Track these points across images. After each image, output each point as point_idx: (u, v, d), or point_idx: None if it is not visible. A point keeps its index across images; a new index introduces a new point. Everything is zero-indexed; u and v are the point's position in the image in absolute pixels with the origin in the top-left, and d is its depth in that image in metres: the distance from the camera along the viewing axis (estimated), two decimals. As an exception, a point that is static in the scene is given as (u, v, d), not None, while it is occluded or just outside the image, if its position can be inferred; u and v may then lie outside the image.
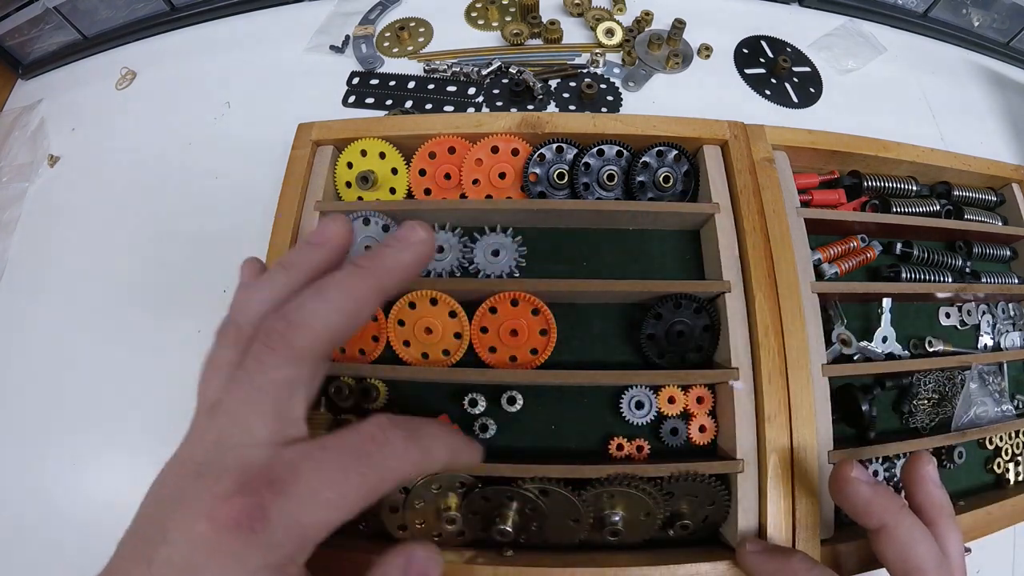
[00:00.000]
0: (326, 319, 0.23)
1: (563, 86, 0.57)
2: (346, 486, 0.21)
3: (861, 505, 0.30)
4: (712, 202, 0.41)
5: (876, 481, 0.30)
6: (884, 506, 0.29)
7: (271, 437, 0.21)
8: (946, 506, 0.31)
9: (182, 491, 0.20)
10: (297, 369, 0.22)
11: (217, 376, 0.23)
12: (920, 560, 0.28)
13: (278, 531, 0.19)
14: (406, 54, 0.59)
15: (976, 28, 0.66)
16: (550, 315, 0.38)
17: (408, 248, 0.25)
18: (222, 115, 0.57)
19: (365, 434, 0.22)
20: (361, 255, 0.24)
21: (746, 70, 0.60)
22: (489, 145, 0.43)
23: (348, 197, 0.44)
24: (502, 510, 0.35)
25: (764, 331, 0.37)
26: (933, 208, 0.47)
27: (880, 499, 0.30)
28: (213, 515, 0.19)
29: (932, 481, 0.31)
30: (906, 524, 0.29)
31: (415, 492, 0.36)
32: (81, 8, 0.60)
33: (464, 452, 0.26)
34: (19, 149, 0.58)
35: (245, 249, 0.48)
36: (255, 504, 0.19)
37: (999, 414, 0.43)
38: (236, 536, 0.19)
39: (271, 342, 0.22)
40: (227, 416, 0.22)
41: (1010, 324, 0.47)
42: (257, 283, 0.25)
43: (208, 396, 0.23)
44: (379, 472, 0.22)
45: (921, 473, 0.31)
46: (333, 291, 0.23)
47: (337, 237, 0.26)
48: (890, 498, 0.30)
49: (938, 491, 0.31)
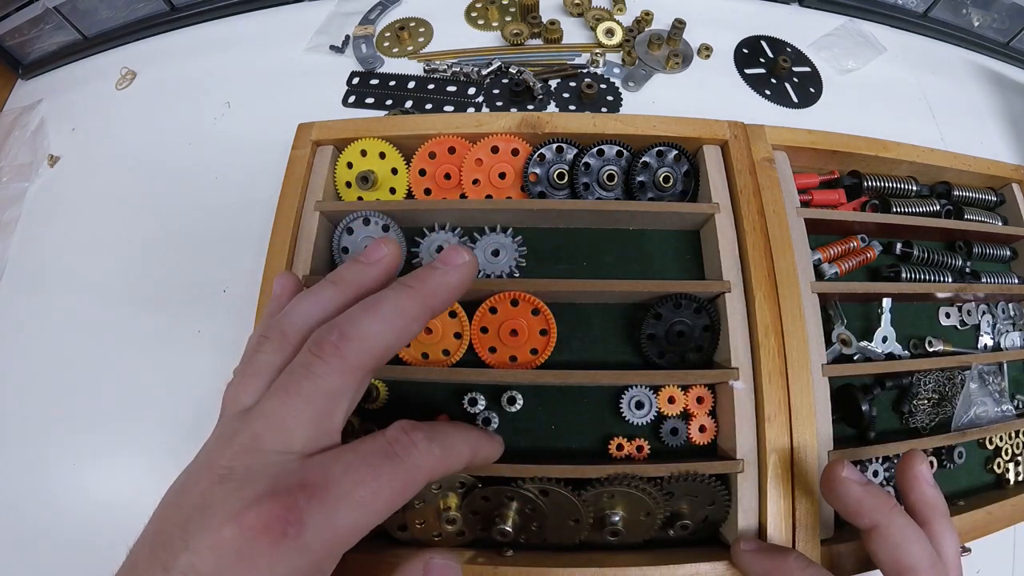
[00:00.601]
0: (379, 335, 0.23)
1: (563, 86, 0.57)
2: (378, 485, 0.21)
3: (852, 505, 0.30)
4: (712, 202, 0.41)
5: (868, 480, 0.30)
6: (875, 505, 0.29)
7: (306, 446, 0.22)
8: (940, 506, 0.31)
9: (205, 496, 0.20)
10: (345, 381, 0.22)
11: (255, 380, 0.23)
12: (913, 560, 0.28)
13: (311, 535, 0.19)
14: (406, 54, 0.59)
15: (976, 28, 0.66)
16: (550, 315, 0.38)
17: (455, 270, 0.26)
18: (222, 115, 0.57)
19: (390, 437, 0.23)
20: (410, 276, 0.25)
21: (746, 70, 0.60)
22: (489, 145, 0.43)
23: (348, 197, 0.44)
24: (502, 510, 0.35)
25: (764, 331, 0.37)
26: (933, 208, 0.47)
27: (871, 498, 0.29)
28: (241, 520, 0.19)
29: (926, 481, 0.31)
30: (898, 524, 0.29)
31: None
32: (81, 8, 0.60)
33: (485, 446, 0.27)
34: (19, 149, 0.58)
35: (245, 249, 0.48)
36: (290, 506, 0.19)
37: (999, 414, 0.43)
38: (267, 542, 0.19)
39: (323, 352, 0.22)
40: (265, 420, 0.22)
41: (1010, 324, 0.47)
42: (306, 295, 0.26)
43: (241, 399, 0.23)
44: (408, 471, 0.22)
45: (915, 472, 0.31)
46: (386, 308, 0.24)
47: (389, 258, 0.27)
48: (882, 497, 0.29)
49: (932, 491, 0.31)
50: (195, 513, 0.20)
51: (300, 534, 0.19)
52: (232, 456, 0.21)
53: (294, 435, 0.21)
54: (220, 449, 0.22)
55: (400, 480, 0.22)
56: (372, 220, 0.41)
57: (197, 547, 0.19)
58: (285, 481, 0.20)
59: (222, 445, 0.22)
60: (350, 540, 0.21)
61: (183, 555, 0.18)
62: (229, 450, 0.21)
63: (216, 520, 0.19)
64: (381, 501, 0.21)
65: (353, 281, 0.26)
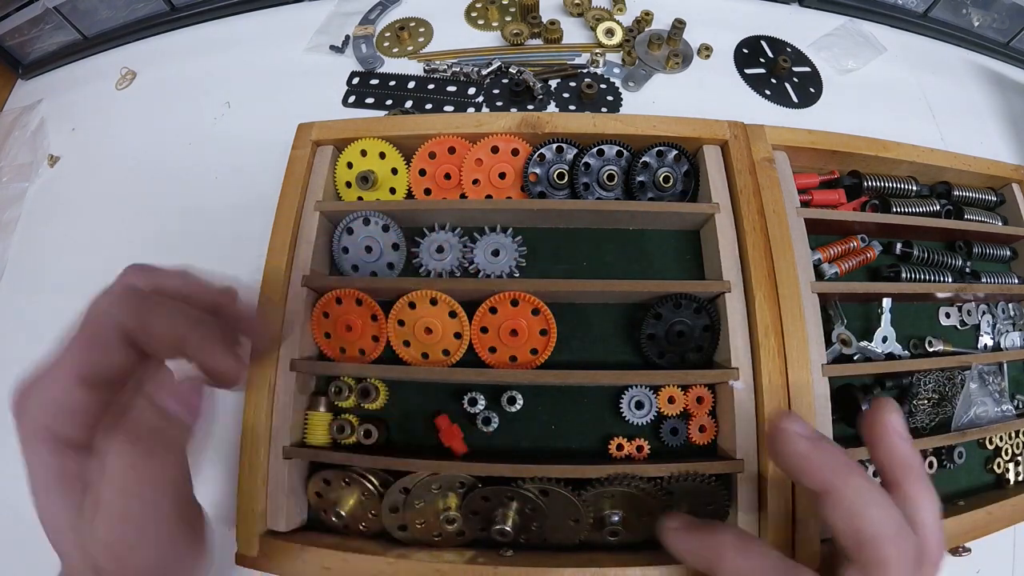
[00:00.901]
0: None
1: (563, 86, 0.57)
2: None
3: (798, 463, 0.25)
4: (712, 202, 0.41)
5: (819, 436, 0.26)
6: (826, 464, 0.25)
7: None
8: (914, 464, 0.26)
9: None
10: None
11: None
12: (873, 527, 0.23)
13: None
14: (406, 54, 0.59)
15: (976, 28, 0.66)
16: (550, 315, 0.38)
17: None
18: (222, 115, 0.57)
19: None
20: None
21: (746, 70, 0.60)
22: (489, 145, 0.43)
23: (348, 197, 0.44)
24: (502, 510, 0.35)
25: (764, 331, 0.37)
26: (933, 208, 0.47)
27: (821, 455, 0.25)
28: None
29: (896, 433, 0.26)
30: (854, 485, 0.24)
31: (415, 492, 0.36)
32: (81, 8, 0.60)
33: (203, 345, 0.24)
34: (19, 149, 0.58)
35: (245, 249, 0.48)
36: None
37: (999, 414, 0.43)
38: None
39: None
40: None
41: (1010, 324, 0.47)
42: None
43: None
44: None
45: (883, 423, 0.26)
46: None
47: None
48: (834, 454, 0.25)
49: (903, 444, 0.26)
50: None
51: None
52: None
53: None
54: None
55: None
56: (372, 220, 0.41)
57: None
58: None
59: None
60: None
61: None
62: None
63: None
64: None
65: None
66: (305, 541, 0.36)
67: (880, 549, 0.23)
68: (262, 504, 0.36)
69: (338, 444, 0.39)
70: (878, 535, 0.23)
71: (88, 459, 0.22)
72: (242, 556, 0.35)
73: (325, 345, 0.40)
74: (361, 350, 0.40)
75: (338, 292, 0.39)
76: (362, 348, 0.40)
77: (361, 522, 0.38)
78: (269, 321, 0.31)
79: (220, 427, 0.43)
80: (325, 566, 0.34)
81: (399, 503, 0.36)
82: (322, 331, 0.40)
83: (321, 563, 0.35)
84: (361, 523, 0.38)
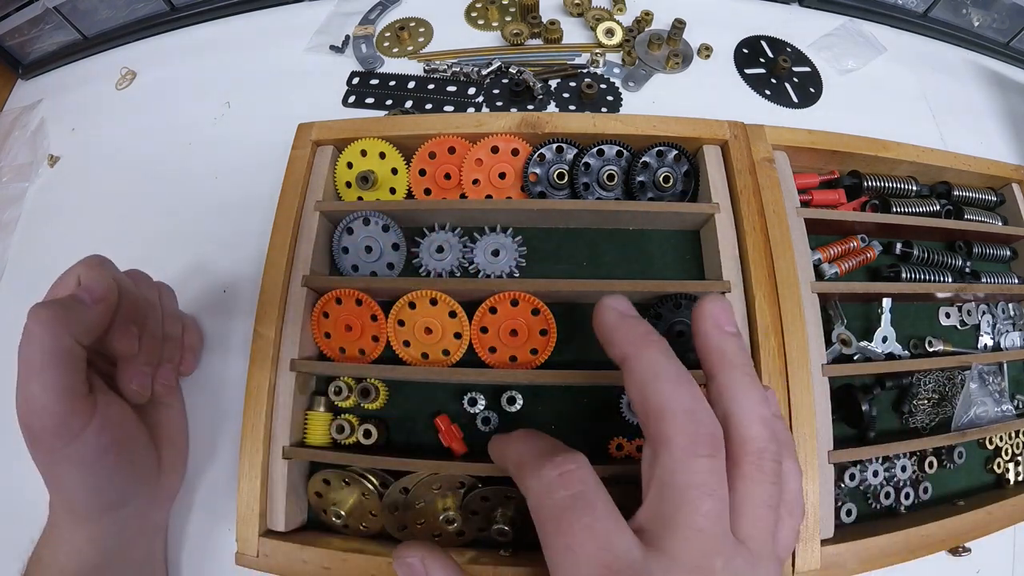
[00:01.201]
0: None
1: (563, 86, 0.57)
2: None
3: (606, 334, 0.25)
4: (712, 202, 0.41)
5: (636, 315, 0.26)
6: (628, 335, 0.24)
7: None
8: (729, 353, 0.24)
9: None
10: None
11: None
12: (659, 401, 0.22)
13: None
14: (406, 54, 0.59)
15: (976, 28, 0.66)
16: (550, 315, 0.38)
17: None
18: (222, 115, 0.56)
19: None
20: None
21: (746, 70, 0.60)
22: (489, 145, 0.43)
23: (348, 197, 0.44)
24: (502, 510, 0.35)
25: (764, 331, 0.37)
26: (933, 208, 0.47)
27: (625, 326, 0.25)
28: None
29: (711, 320, 0.25)
30: (648, 356, 0.23)
31: (415, 492, 0.36)
32: (81, 8, 0.60)
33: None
34: (19, 149, 0.58)
35: (245, 249, 0.48)
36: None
37: (999, 414, 0.43)
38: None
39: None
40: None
41: (1010, 324, 0.47)
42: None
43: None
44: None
45: (700, 311, 0.25)
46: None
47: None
48: (637, 327, 0.25)
49: (716, 333, 0.24)
50: None
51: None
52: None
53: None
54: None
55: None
56: (372, 220, 0.41)
57: None
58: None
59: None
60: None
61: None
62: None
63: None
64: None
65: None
66: (305, 541, 0.36)
67: (662, 424, 0.22)
68: (262, 504, 0.36)
69: (338, 444, 0.39)
70: (663, 410, 0.22)
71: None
72: (242, 556, 0.35)
73: (325, 345, 0.40)
74: (361, 350, 0.40)
75: (338, 292, 0.39)
76: (362, 348, 0.40)
77: (361, 522, 0.38)
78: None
79: (220, 427, 0.43)
80: (325, 566, 0.35)
81: (399, 503, 0.36)
82: (322, 331, 0.40)
83: (321, 563, 0.35)
84: (361, 523, 0.38)
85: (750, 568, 0.21)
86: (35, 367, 0.29)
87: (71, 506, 0.34)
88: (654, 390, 0.23)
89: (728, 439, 0.23)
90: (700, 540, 0.21)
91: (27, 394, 0.29)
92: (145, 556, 0.38)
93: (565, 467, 0.23)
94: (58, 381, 0.29)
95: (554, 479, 0.22)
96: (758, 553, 0.22)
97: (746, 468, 0.22)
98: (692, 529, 0.21)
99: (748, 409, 0.23)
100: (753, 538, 0.22)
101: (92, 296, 0.32)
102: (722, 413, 0.23)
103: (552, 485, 0.22)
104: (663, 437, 0.22)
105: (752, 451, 0.23)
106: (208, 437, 0.43)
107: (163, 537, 0.40)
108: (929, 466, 0.42)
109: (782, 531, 0.24)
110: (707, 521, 0.21)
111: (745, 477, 0.22)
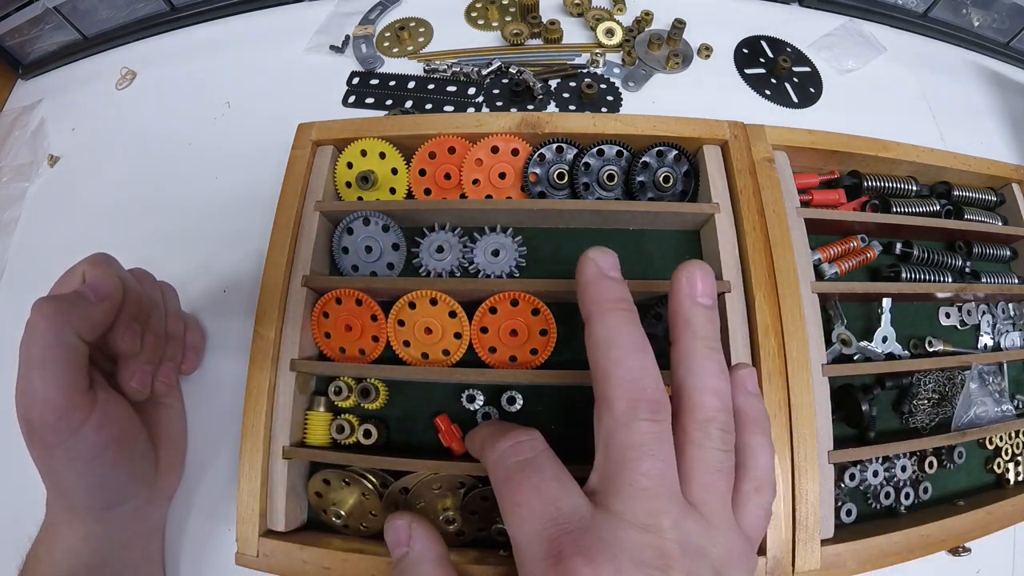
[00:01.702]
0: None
1: (563, 86, 0.57)
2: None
3: (580, 286, 0.25)
4: (712, 202, 0.41)
5: (613, 275, 0.25)
6: (596, 295, 0.24)
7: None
8: (699, 326, 0.24)
9: None
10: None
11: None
12: (607, 364, 0.23)
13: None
14: (406, 54, 0.59)
15: (976, 28, 0.66)
16: (550, 315, 0.38)
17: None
18: (222, 115, 0.56)
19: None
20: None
21: (746, 70, 0.60)
22: (489, 145, 0.43)
23: (348, 197, 0.44)
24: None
25: (764, 331, 0.37)
26: (933, 208, 0.47)
27: (598, 286, 0.24)
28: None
29: (682, 289, 0.24)
30: (608, 320, 0.23)
31: (415, 492, 0.36)
32: (81, 8, 0.60)
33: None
34: (19, 149, 0.58)
35: (245, 249, 0.48)
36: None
37: (999, 414, 0.43)
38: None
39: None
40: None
41: (1010, 324, 0.47)
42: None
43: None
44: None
45: (676, 278, 0.25)
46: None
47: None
48: (609, 289, 0.24)
49: (688, 303, 0.24)
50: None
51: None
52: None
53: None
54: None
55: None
56: (372, 220, 0.41)
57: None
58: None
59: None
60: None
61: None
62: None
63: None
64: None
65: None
66: (305, 541, 0.36)
67: (606, 386, 0.23)
68: (262, 504, 0.36)
69: (338, 444, 0.39)
70: (608, 373, 0.23)
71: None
72: (242, 556, 0.35)
73: (325, 345, 0.40)
74: (361, 350, 0.40)
75: (338, 292, 0.39)
76: (362, 348, 0.40)
77: (361, 522, 0.38)
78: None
79: (220, 427, 0.43)
80: (325, 566, 0.35)
81: (399, 503, 0.36)
82: (322, 331, 0.40)
83: (321, 563, 0.35)
84: (361, 523, 0.38)
85: (704, 532, 0.22)
86: (36, 360, 0.29)
87: (68, 503, 0.34)
88: (604, 355, 0.23)
89: (679, 407, 0.23)
90: (645, 499, 0.21)
91: (27, 387, 0.29)
92: (142, 555, 0.38)
93: (517, 439, 0.25)
94: (59, 375, 0.29)
95: (507, 449, 0.25)
96: (712, 519, 0.22)
97: (693, 434, 0.23)
98: (635, 487, 0.21)
99: (701, 379, 0.23)
100: (705, 503, 0.22)
101: (96, 293, 0.32)
102: (678, 381, 0.24)
103: (505, 454, 0.25)
104: (606, 398, 0.23)
105: (700, 418, 0.23)
106: (208, 437, 0.43)
107: (160, 537, 0.40)
108: (929, 466, 0.42)
109: (749, 507, 0.24)
110: (649, 481, 0.21)
111: (693, 443, 0.23)
